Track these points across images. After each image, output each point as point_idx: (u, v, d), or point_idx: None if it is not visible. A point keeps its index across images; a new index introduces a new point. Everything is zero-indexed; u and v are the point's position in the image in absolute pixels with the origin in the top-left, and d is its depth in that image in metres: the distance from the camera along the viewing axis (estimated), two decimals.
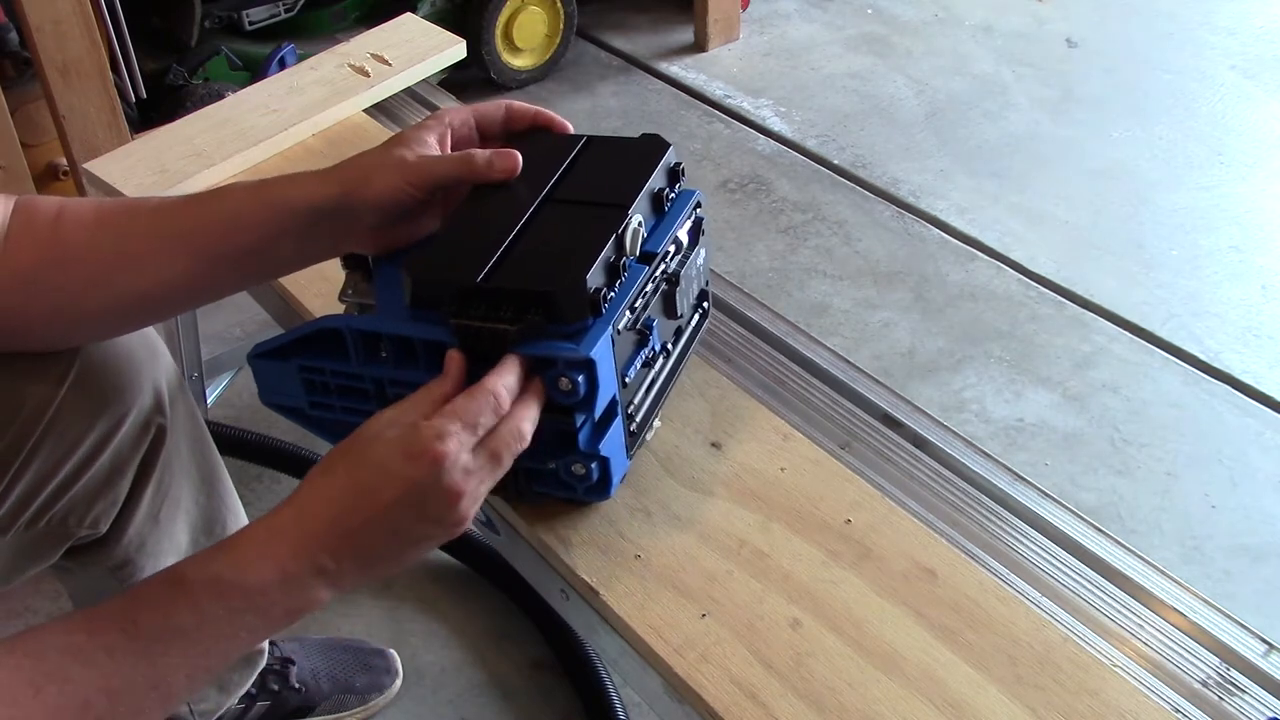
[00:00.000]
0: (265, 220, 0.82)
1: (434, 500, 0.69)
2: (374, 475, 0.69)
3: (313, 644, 1.38)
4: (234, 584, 0.66)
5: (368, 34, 1.59)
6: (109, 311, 0.84)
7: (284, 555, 0.67)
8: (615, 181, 0.85)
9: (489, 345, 0.76)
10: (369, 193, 0.81)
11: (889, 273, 2.10)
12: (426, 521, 0.70)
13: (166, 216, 0.82)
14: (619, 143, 0.90)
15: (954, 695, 0.77)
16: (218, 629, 0.66)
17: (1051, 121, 2.52)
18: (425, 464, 0.68)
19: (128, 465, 0.99)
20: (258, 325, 1.90)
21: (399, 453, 0.69)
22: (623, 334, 0.85)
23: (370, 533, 0.69)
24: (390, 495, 0.68)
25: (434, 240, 0.83)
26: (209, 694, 1.19)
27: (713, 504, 0.91)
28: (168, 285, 0.82)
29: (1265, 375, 1.85)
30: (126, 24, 2.01)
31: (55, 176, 2.06)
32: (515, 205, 0.83)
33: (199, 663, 0.66)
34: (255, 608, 0.67)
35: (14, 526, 0.92)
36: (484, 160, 0.84)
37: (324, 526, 0.68)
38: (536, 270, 0.78)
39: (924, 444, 1.05)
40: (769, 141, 2.48)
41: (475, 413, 0.71)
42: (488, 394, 0.72)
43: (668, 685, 0.81)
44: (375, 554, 0.70)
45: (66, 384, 0.91)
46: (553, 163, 0.87)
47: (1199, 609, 0.91)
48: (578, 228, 0.81)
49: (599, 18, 2.90)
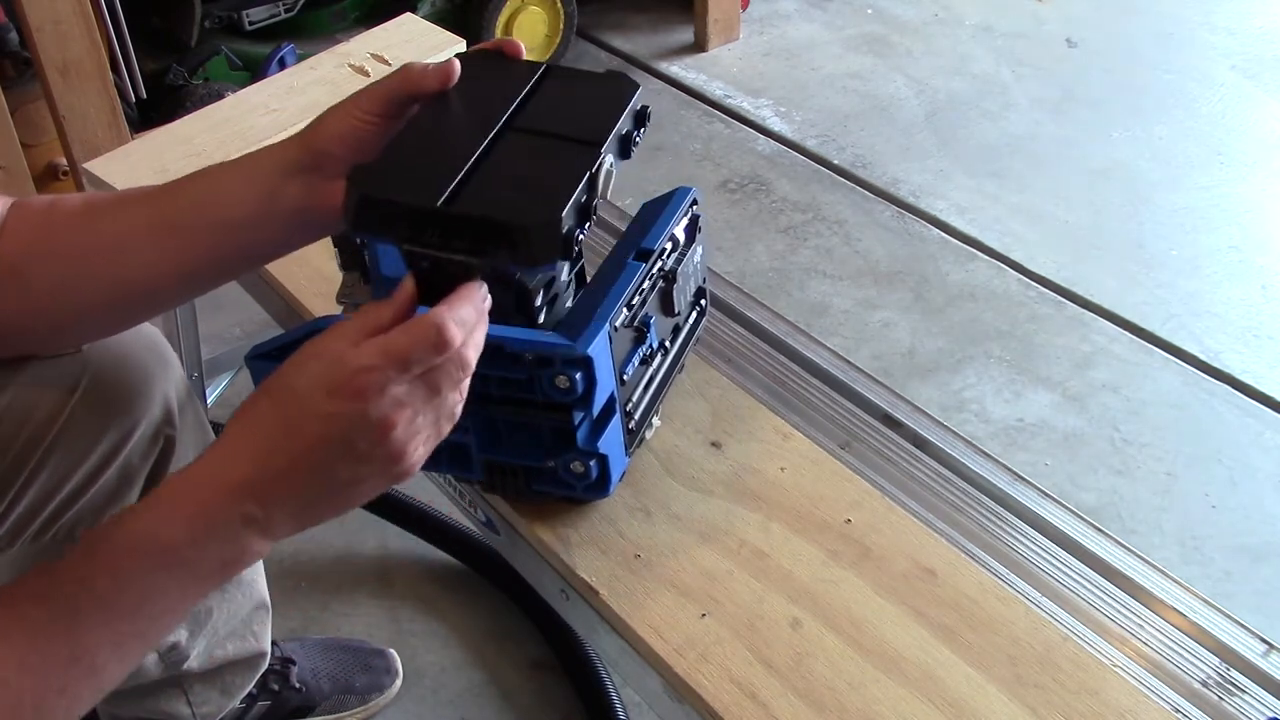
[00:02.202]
0: (243, 190, 0.79)
1: (362, 436, 0.63)
2: (296, 411, 0.63)
3: (313, 644, 1.38)
4: (152, 542, 0.61)
5: (368, 34, 1.60)
6: (105, 304, 0.82)
7: (206, 505, 0.62)
8: (583, 117, 0.78)
9: (444, 277, 0.68)
10: (324, 131, 0.78)
11: (889, 273, 2.10)
12: (357, 460, 0.63)
13: (153, 202, 0.81)
14: (582, 75, 0.83)
15: (953, 695, 0.77)
16: (141, 592, 0.62)
17: (1051, 121, 2.52)
18: (346, 397, 0.62)
19: (137, 476, 0.99)
20: (258, 325, 1.90)
21: (321, 386, 0.62)
22: (620, 331, 0.85)
23: (298, 474, 0.63)
24: (314, 432, 0.62)
25: (380, 155, 0.74)
26: (211, 696, 1.19)
27: (713, 504, 0.91)
28: (160, 272, 0.80)
29: (1265, 375, 1.85)
30: (126, 24, 2.01)
31: (55, 176, 2.06)
32: (473, 127, 0.75)
33: (125, 629, 0.62)
34: (180, 564, 0.62)
35: (21, 538, 0.92)
36: (420, 68, 0.78)
37: (247, 471, 0.62)
38: (505, 200, 0.70)
39: (924, 444, 1.05)
40: (769, 141, 2.48)
41: (408, 347, 0.63)
42: (429, 327, 0.63)
43: (668, 685, 0.81)
44: (307, 498, 0.64)
45: (76, 395, 0.90)
46: (510, 89, 0.79)
47: (1199, 609, 0.91)
48: (547, 160, 0.74)
49: (599, 18, 2.90)
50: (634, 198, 2.24)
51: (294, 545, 1.57)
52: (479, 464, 0.87)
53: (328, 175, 0.78)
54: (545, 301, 0.87)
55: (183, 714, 1.17)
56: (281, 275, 1.18)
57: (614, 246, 0.93)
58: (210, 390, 1.75)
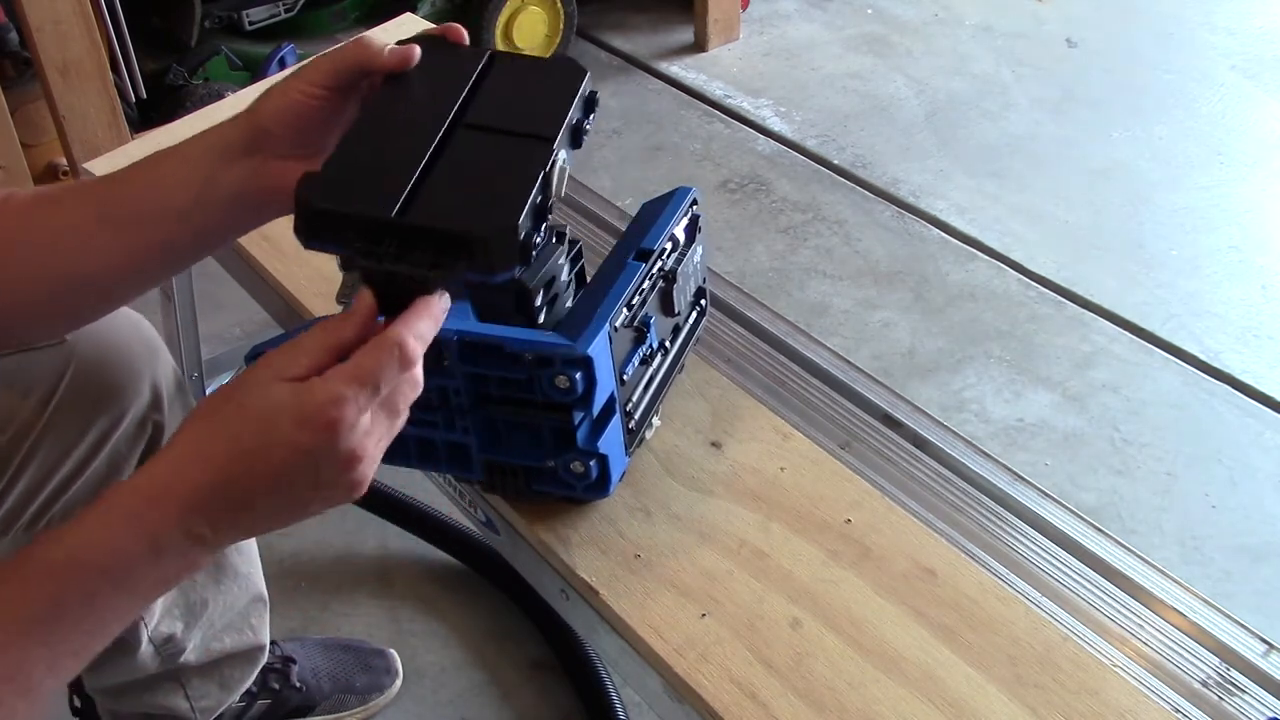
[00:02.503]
0: (184, 176, 0.76)
1: (327, 466, 0.61)
2: (260, 438, 0.60)
3: (313, 644, 1.38)
4: (92, 564, 0.59)
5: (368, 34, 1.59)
6: (54, 300, 0.79)
7: (154, 525, 0.60)
8: (532, 109, 0.75)
9: (401, 286, 0.65)
10: (265, 108, 0.75)
11: (889, 273, 2.10)
12: (319, 486, 0.62)
13: (97, 194, 0.78)
14: (528, 63, 0.81)
15: (954, 695, 0.77)
16: (77, 613, 0.60)
17: (1051, 121, 2.52)
18: (319, 430, 0.60)
19: (125, 463, 0.99)
20: (258, 325, 1.90)
21: (289, 416, 0.60)
22: (620, 331, 0.85)
23: (253, 499, 0.61)
24: (278, 460, 0.60)
25: (329, 159, 0.70)
26: (210, 690, 1.19)
27: (713, 503, 0.91)
28: (107, 264, 0.78)
29: (1265, 375, 1.85)
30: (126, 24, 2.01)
31: (55, 176, 2.06)
32: (420, 125, 0.73)
33: (61, 649, 0.60)
34: (119, 584, 0.60)
35: (12, 529, 0.92)
36: (379, 45, 0.75)
37: (201, 493, 0.60)
38: (460, 208, 0.67)
39: (924, 444, 1.05)
40: (769, 141, 2.48)
41: (377, 372, 0.61)
42: (393, 347, 0.62)
43: (668, 685, 0.81)
44: (257, 518, 0.63)
45: (63, 383, 0.90)
46: (457, 80, 0.76)
47: (1199, 609, 0.91)
48: (498, 159, 0.71)
49: (599, 18, 2.90)
50: (634, 198, 2.24)
51: (294, 545, 1.57)
52: (479, 464, 0.87)
53: (271, 155, 0.75)
54: (545, 301, 0.87)
55: (181, 708, 1.17)
56: (281, 275, 1.18)
57: (614, 246, 0.93)
58: (210, 390, 1.75)
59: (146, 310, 1.02)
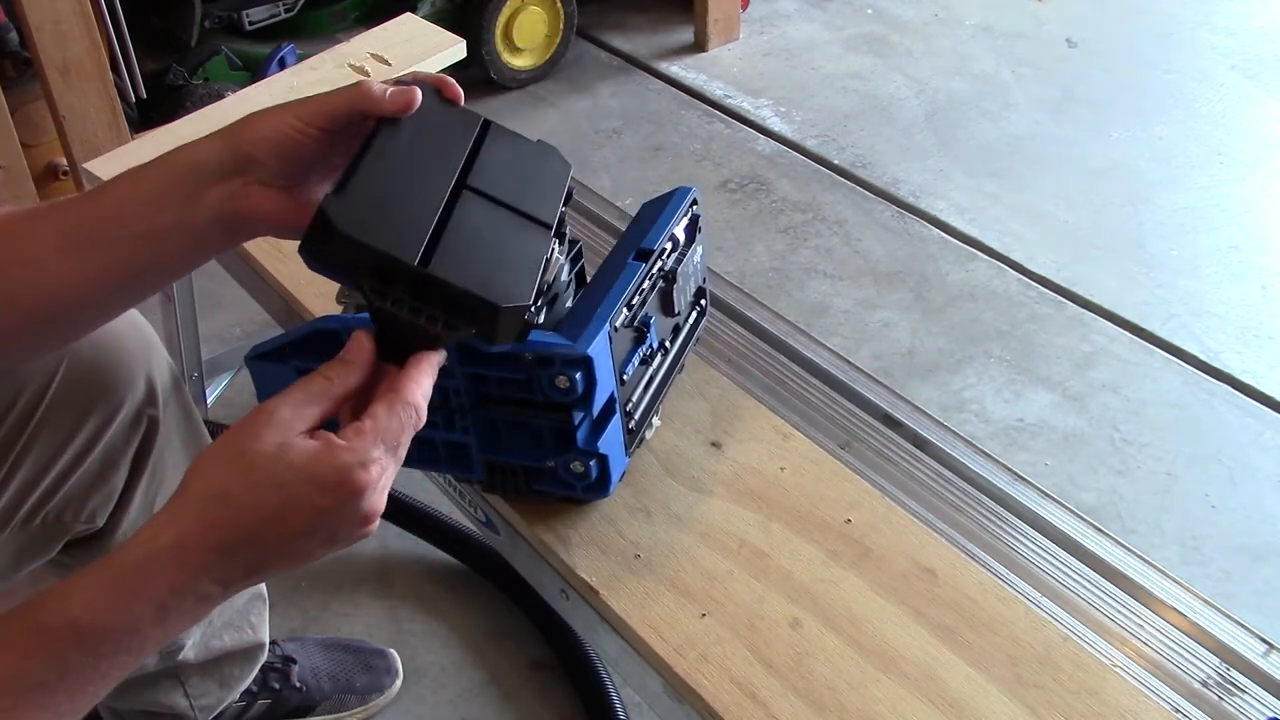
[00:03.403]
0: (160, 197, 0.73)
1: (345, 525, 0.61)
2: (279, 502, 0.59)
3: (314, 644, 1.38)
4: (98, 630, 0.58)
5: (368, 34, 1.60)
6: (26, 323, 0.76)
7: (163, 591, 0.58)
8: (531, 190, 0.75)
9: (404, 335, 0.65)
10: (253, 133, 0.72)
11: (889, 273, 2.10)
12: (334, 542, 0.62)
13: (69, 215, 0.75)
14: (518, 141, 0.79)
15: (954, 695, 0.77)
16: (83, 677, 0.59)
17: (1051, 121, 2.52)
18: (344, 495, 0.60)
19: (121, 458, 0.99)
20: (258, 325, 1.90)
21: (311, 480, 0.59)
22: (620, 331, 0.85)
23: (267, 559, 0.61)
24: (297, 523, 0.60)
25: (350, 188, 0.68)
26: (209, 688, 1.19)
27: (713, 504, 0.91)
28: (80, 287, 0.75)
29: (1265, 375, 1.85)
30: (126, 24, 2.01)
31: (55, 176, 2.06)
32: (430, 178, 0.71)
33: (65, 709, 0.59)
34: (126, 648, 0.59)
35: (10, 524, 0.92)
36: (380, 90, 0.73)
37: (213, 557, 0.59)
38: (478, 273, 0.66)
39: (924, 444, 1.05)
40: (769, 141, 2.48)
41: (398, 433, 0.62)
42: (410, 409, 0.62)
43: (668, 685, 0.81)
44: (267, 572, 0.62)
45: (58, 378, 0.90)
46: (457, 140, 0.75)
47: (1199, 609, 0.91)
48: (504, 234, 0.71)
49: (599, 18, 2.90)
50: (634, 198, 2.24)
51: None
52: (479, 464, 0.87)
53: (252, 180, 0.73)
54: (545, 301, 0.87)
55: (181, 706, 1.17)
56: (281, 275, 1.18)
57: (614, 246, 0.93)
58: (210, 390, 1.75)
59: (146, 310, 1.02)
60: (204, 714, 1.20)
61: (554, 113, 2.60)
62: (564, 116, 2.56)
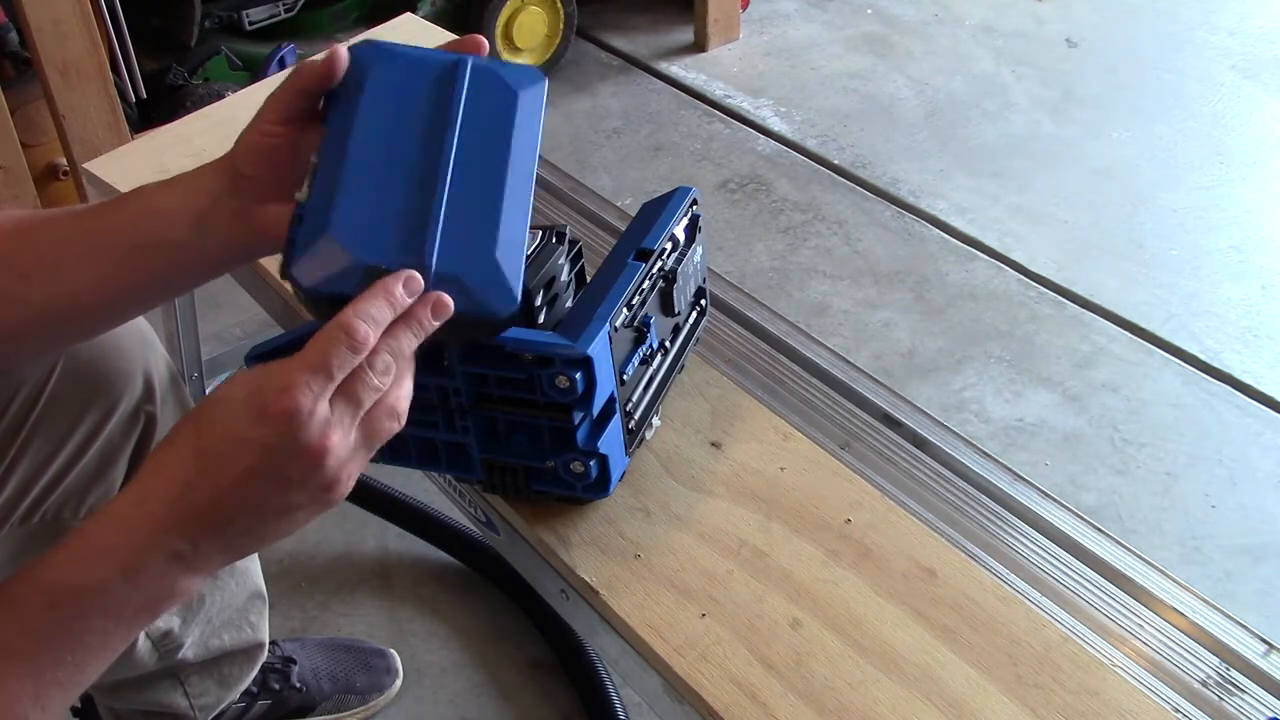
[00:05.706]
0: (176, 213, 0.76)
1: (294, 463, 0.60)
2: (220, 442, 0.60)
3: (314, 644, 1.38)
4: (67, 590, 0.59)
5: (367, 34, 1.59)
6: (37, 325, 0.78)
7: (125, 547, 0.59)
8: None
9: None
10: (240, 152, 0.75)
11: (889, 273, 2.10)
12: (290, 488, 0.61)
13: (86, 222, 0.78)
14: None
15: (954, 695, 0.77)
16: (60, 642, 0.59)
17: (1051, 121, 2.52)
18: (274, 423, 0.59)
19: (119, 454, 0.99)
20: (258, 325, 1.90)
21: (244, 414, 0.59)
22: (620, 331, 0.85)
23: (225, 507, 0.60)
24: (242, 464, 0.59)
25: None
26: (209, 688, 1.19)
27: (713, 504, 0.91)
28: (93, 292, 0.77)
29: (1265, 375, 1.85)
30: (126, 24, 2.01)
31: (55, 176, 2.06)
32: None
33: (46, 679, 0.59)
34: (99, 610, 0.60)
35: (8, 521, 0.92)
36: (308, 65, 0.74)
37: (170, 507, 0.60)
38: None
39: (924, 444, 1.05)
40: (769, 141, 2.48)
41: (325, 353, 0.60)
42: (338, 329, 0.61)
43: (668, 685, 0.81)
44: (236, 530, 0.62)
45: (55, 375, 0.91)
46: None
47: (1199, 609, 0.91)
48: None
49: (599, 18, 2.90)
50: (634, 198, 2.24)
51: (294, 545, 1.57)
52: (479, 464, 0.87)
53: (249, 199, 0.75)
54: (545, 301, 0.87)
55: (180, 706, 1.17)
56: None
57: (614, 246, 0.93)
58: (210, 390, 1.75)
59: None
60: (203, 714, 1.20)
61: (554, 113, 2.60)
62: (564, 116, 2.56)
